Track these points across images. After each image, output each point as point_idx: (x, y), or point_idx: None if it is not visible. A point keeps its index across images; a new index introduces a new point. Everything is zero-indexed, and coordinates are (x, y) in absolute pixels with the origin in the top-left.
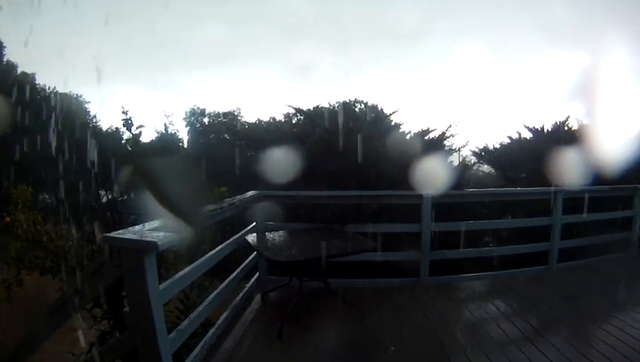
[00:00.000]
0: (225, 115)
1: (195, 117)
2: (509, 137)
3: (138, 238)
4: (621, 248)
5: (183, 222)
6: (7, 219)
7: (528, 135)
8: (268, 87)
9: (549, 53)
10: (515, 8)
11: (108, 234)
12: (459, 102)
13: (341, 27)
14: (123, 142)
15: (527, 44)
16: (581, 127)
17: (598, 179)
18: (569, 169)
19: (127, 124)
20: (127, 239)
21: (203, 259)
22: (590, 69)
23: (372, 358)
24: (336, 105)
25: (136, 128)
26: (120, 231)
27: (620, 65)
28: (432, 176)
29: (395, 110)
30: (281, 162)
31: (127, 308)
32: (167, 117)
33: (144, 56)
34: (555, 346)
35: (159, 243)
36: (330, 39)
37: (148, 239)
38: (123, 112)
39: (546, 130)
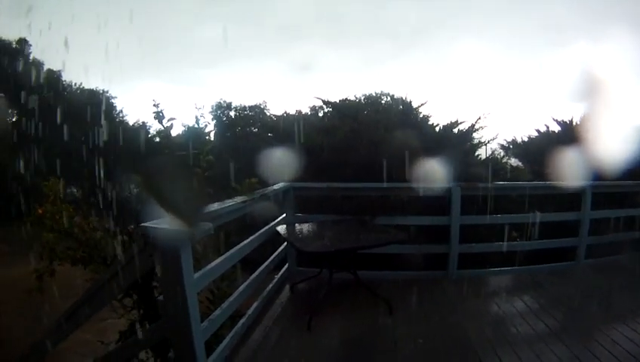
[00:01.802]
0: (251, 108)
1: (221, 110)
2: (537, 130)
3: (175, 228)
4: None
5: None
6: (40, 211)
7: (557, 128)
8: (293, 81)
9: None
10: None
11: (143, 224)
12: (488, 95)
13: (368, 20)
14: (150, 135)
15: (560, 37)
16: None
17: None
18: (593, 163)
19: (159, 116)
20: (164, 229)
21: (235, 249)
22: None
23: (400, 350)
24: (363, 98)
25: (168, 121)
26: (155, 221)
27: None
28: (460, 168)
29: (423, 102)
30: (308, 154)
31: (160, 297)
32: (198, 109)
33: (168, 51)
34: (583, 344)
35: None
36: (356, 33)
37: (185, 228)
38: (154, 105)
39: (574, 123)
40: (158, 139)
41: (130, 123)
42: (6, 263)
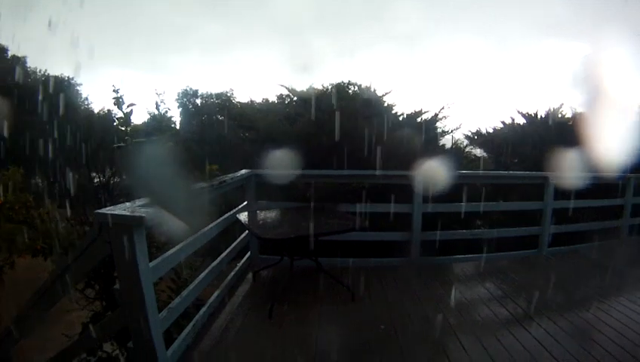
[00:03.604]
0: (217, 95)
1: (187, 98)
2: (503, 122)
3: (127, 213)
4: (611, 235)
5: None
6: None
7: (522, 121)
8: (260, 70)
9: (546, 42)
10: None
11: (98, 211)
12: (453, 87)
13: (336, 10)
14: (115, 123)
15: (524, 31)
16: (575, 116)
17: (590, 168)
18: (560, 156)
19: (118, 102)
20: (117, 214)
21: (193, 237)
22: (587, 58)
23: (362, 336)
24: (330, 88)
25: (127, 107)
26: (110, 207)
27: (615, 55)
28: (424, 156)
29: (387, 91)
30: (272, 142)
31: (117, 286)
32: (159, 95)
33: (136, 38)
34: (545, 329)
35: (148, 217)
36: (325, 22)
37: (137, 214)
38: (114, 91)
39: (539, 117)
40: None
41: (96, 111)
42: None
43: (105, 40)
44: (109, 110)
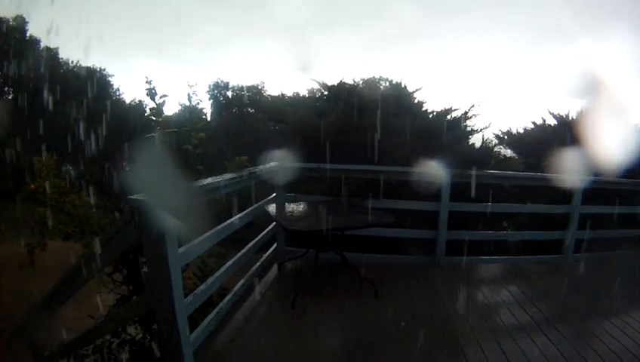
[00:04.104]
0: (248, 88)
1: (218, 90)
2: (534, 123)
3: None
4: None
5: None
6: (32, 186)
7: (553, 122)
8: (291, 63)
9: (580, 42)
10: None
11: (130, 196)
12: (485, 86)
13: (369, 4)
14: (146, 114)
15: (561, 32)
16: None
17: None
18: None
19: (151, 93)
20: (151, 201)
21: (222, 225)
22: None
23: (382, 332)
24: (361, 82)
25: (160, 98)
26: (142, 193)
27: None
28: (454, 154)
29: (418, 88)
30: (301, 135)
31: (145, 269)
32: (191, 87)
33: (166, 29)
34: (565, 336)
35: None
36: (356, 16)
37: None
38: (147, 82)
39: (570, 118)
40: (152, 118)
41: (127, 101)
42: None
43: (135, 31)
44: (140, 101)
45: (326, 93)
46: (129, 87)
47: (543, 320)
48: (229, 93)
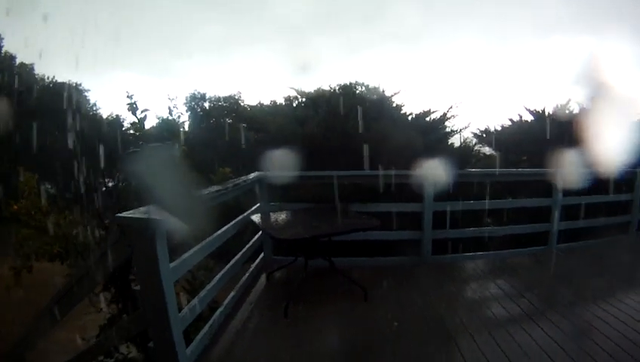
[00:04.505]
0: (225, 99)
1: (195, 101)
2: (510, 120)
3: (150, 217)
4: (620, 230)
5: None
6: (15, 206)
7: (529, 117)
8: (267, 71)
9: (552, 38)
10: None
11: (119, 214)
12: (461, 85)
13: (341, 10)
14: (124, 128)
15: (530, 28)
16: (582, 111)
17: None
18: (568, 152)
19: (132, 108)
20: (140, 218)
21: (210, 238)
22: (594, 53)
23: (376, 333)
24: (337, 88)
25: (141, 112)
26: (130, 211)
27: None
28: (434, 156)
29: (396, 92)
30: (282, 144)
31: (137, 287)
32: (172, 100)
33: (140, 41)
34: (556, 324)
35: (168, 221)
36: (331, 22)
37: (159, 218)
38: (128, 96)
39: (547, 113)
40: (131, 132)
41: (104, 116)
42: None
43: (109, 44)
44: (117, 115)
45: (303, 100)
46: (106, 102)
47: (534, 312)
48: (207, 105)
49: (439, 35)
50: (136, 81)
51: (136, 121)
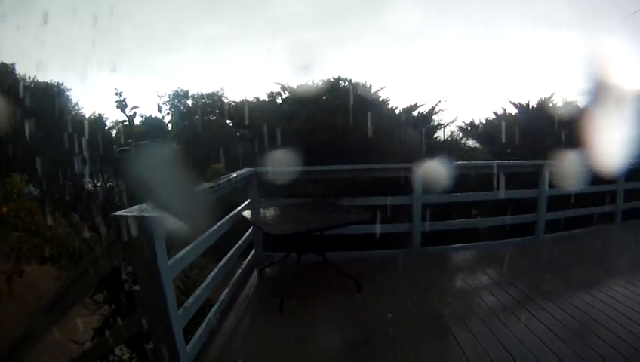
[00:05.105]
0: (208, 96)
1: (178, 99)
2: (495, 113)
3: (149, 215)
4: (606, 220)
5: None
6: (4, 209)
7: (514, 111)
8: (249, 68)
9: (538, 32)
10: None
11: (116, 213)
12: (448, 80)
13: (327, 5)
14: (107, 128)
15: (515, 22)
16: (566, 105)
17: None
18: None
19: (121, 105)
20: (137, 216)
21: (204, 235)
22: (579, 49)
23: (371, 325)
24: (320, 83)
25: (131, 109)
26: (125, 210)
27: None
28: (421, 149)
29: (382, 87)
30: (269, 140)
31: (137, 287)
32: (160, 97)
33: (122, 40)
34: (547, 310)
35: (167, 219)
36: (316, 18)
37: (156, 215)
38: (116, 94)
39: (531, 107)
40: (115, 131)
41: (87, 115)
42: None
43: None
44: (99, 115)
45: (288, 95)
46: (87, 101)
47: (525, 299)
48: (189, 102)
49: (427, 31)
50: (118, 81)
51: (126, 118)
